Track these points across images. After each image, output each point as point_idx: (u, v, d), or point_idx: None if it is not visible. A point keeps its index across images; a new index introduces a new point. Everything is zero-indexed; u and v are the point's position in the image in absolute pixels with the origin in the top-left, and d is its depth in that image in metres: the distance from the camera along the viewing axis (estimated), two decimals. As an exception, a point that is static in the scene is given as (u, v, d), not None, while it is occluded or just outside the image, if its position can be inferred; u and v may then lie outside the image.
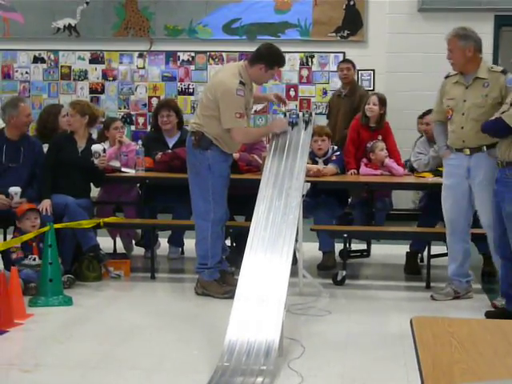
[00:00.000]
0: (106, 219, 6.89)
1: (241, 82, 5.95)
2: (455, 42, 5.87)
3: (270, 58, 6.09)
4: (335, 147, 7.50)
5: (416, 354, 1.99)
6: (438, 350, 2.01)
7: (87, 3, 10.90)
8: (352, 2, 10.51)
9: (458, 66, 5.95)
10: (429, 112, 7.26)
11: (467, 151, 5.82)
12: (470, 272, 6.25)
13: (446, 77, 6.12)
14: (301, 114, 6.16)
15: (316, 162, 7.31)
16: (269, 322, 4.55)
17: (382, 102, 7.48)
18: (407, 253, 7.25)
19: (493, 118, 5.44)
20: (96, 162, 6.76)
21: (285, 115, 6.16)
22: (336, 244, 7.26)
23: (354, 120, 7.68)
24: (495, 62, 9.67)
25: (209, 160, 6.05)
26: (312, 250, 7.38)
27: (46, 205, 6.54)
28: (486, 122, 5.53)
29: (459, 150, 5.89)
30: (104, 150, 6.88)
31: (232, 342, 4.42)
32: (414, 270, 7.17)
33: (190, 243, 7.05)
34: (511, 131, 5.20)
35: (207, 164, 6.06)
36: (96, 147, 6.80)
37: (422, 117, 7.50)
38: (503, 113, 5.29)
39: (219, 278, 6.29)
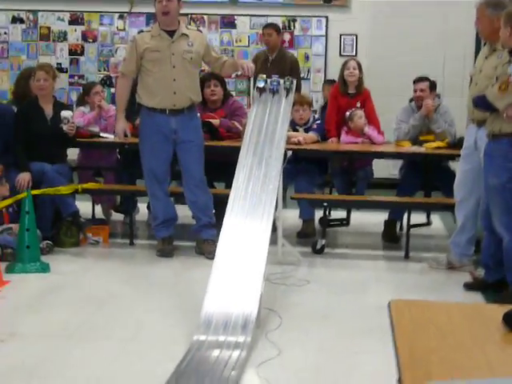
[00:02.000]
0: (85, 185, 6.82)
1: (139, 31, 6.44)
2: (483, 9, 5.68)
3: None
4: (316, 116, 7.46)
5: (393, 340, 1.97)
6: (415, 336, 1.99)
7: (67, -38, 10.72)
8: (336, -34, 10.40)
9: (484, 34, 5.82)
10: (422, 78, 7.21)
11: (475, 123, 5.74)
12: (472, 248, 6.13)
13: None
14: (282, 81, 6.09)
15: (297, 131, 7.26)
16: (247, 294, 4.53)
17: (360, 67, 7.43)
18: (385, 221, 7.25)
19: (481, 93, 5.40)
20: (65, 128, 6.66)
21: (266, 82, 6.09)
22: (316, 212, 7.24)
23: (333, 87, 7.63)
24: None
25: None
26: (292, 217, 7.37)
27: (24, 178, 6.44)
28: (476, 96, 5.48)
29: (472, 120, 5.82)
30: (73, 116, 6.80)
31: (209, 313, 4.40)
32: (392, 238, 7.17)
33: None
34: (493, 108, 5.16)
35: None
36: (64, 113, 6.70)
37: (414, 82, 7.35)
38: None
39: (167, 236, 6.49)
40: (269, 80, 6.08)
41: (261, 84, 6.06)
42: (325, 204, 6.77)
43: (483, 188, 5.50)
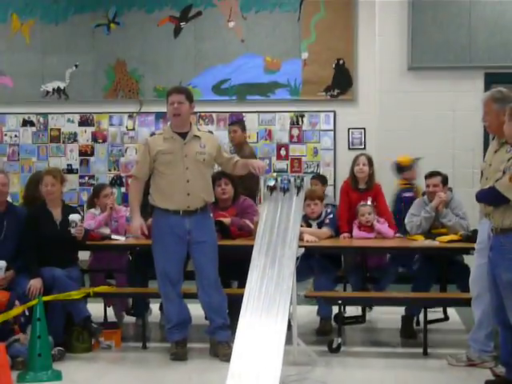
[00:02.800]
0: (96, 288, 6.77)
1: (151, 134, 6.51)
2: (490, 104, 5.76)
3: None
4: (328, 210, 7.44)
5: None
6: None
7: (76, 66, 10.92)
8: (341, 61, 10.55)
9: (492, 128, 5.84)
10: (434, 173, 7.22)
11: (488, 217, 5.70)
12: (492, 344, 6.01)
13: None
14: (292, 179, 6.09)
15: (310, 225, 7.23)
16: (264, 401, 4.42)
17: (370, 162, 7.44)
18: (403, 317, 7.14)
19: (486, 187, 5.38)
20: (73, 231, 6.64)
21: (276, 181, 6.09)
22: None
23: (344, 183, 7.63)
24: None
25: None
26: (306, 314, 7.27)
27: (35, 286, 6.38)
28: (480, 191, 5.47)
29: (485, 215, 5.78)
30: (81, 220, 6.80)
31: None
32: (410, 334, 7.05)
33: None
34: (504, 200, 5.13)
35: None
36: (73, 217, 6.68)
37: (426, 177, 7.35)
38: (496, 181, 5.22)
39: (181, 339, 6.39)
40: (279, 178, 6.08)
41: (271, 183, 6.05)
42: (339, 301, 6.67)
43: (491, 283, 5.42)
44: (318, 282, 7.15)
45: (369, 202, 7.23)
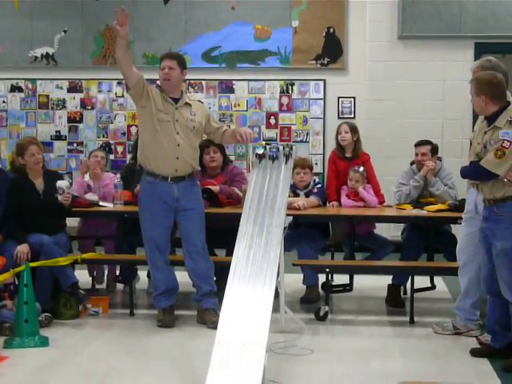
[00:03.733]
0: (84, 255, 6.76)
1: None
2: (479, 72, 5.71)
3: None
4: (316, 179, 7.45)
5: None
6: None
7: (65, 32, 10.81)
8: (332, 30, 10.48)
9: None
10: (423, 142, 7.22)
11: (475, 187, 5.71)
12: (477, 312, 6.06)
13: None
14: (281, 147, 6.06)
15: (297, 195, 7.24)
16: (250, 368, 4.41)
17: (354, 129, 7.43)
18: (389, 285, 7.18)
19: (468, 162, 5.41)
20: (60, 198, 6.61)
21: (265, 149, 6.06)
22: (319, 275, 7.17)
23: (332, 152, 7.63)
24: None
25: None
26: (293, 283, 7.28)
27: (22, 251, 6.37)
28: (464, 168, 5.49)
29: (472, 185, 5.79)
30: (69, 186, 6.75)
31: (212, 389, 4.29)
32: (397, 302, 7.09)
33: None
34: (492, 176, 5.15)
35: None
36: (60, 183, 6.63)
37: (416, 146, 7.34)
38: (479, 157, 5.24)
39: (168, 306, 6.39)
40: (268, 146, 6.05)
41: (260, 151, 6.03)
42: (327, 270, 6.69)
43: (483, 253, 5.45)
44: (301, 250, 7.15)
45: (361, 169, 7.23)
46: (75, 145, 10.95)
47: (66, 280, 6.45)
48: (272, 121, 10.70)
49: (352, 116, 10.31)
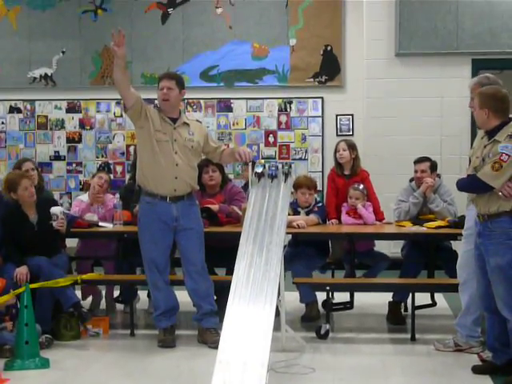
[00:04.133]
0: (84, 276, 6.75)
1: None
2: (476, 89, 5.68)
3: None
4: (317, 198, 7.47)
5: None
6: None
7: (63, 52, 10.85)
8: (329, 48, 10.52)
9: None
10: (422, 159, 7.22)
11: (475, 203, 5.72)
12: (479, 329, 6.03)
13: None
14: (280, 165, 6.07)
15: (298, 212, 7.24)
16: (251, 388, 4.42)
17: (352, 146, 7.46)
18: (390, 302, 7.16)
19: (465, 175, 5.43)
20: (54, 224, 6.58)
21: (264, 167, 6.07)
22: (319, 293, 7.14)
23: (331, 170, 7.65)
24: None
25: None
26: (295, 300, 7.26)
27: (22, 272, 6.36)
28: (460, 180, 5.51)
29: (471, 201, 5.79)
30: (63, 213, 6.71)
31: (213, 410, 4.28)
32: (398, 320, 7.07)
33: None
34: (488, 188, 5.16)
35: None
36: (54, 210, 6.61)
37: (415, 163, 7.36)
38: (476, 170, 5.25)
39: (169, 326, 6.38)
40: (267, 165, 6.06)
41: (259, 169, 6.03)
42: (327, 288, 6.68)
43: (478, 269, 5.45)
44: (295, 268, 7.08)
45: (361, 187, 7.24)
46: (74, 165, 10.96)
47: (68, 300, 6.43)
48: (271, 139, 10.71)
49: (350, 133, 10.33)
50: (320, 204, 7.37)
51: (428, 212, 7.15)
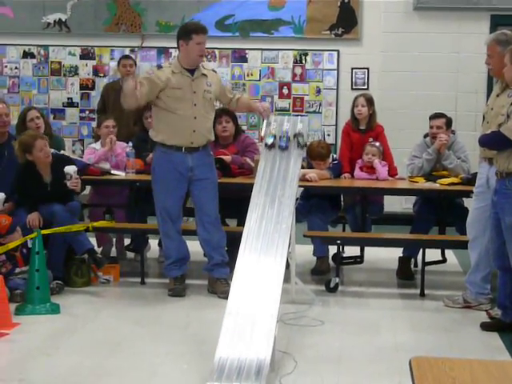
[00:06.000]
0: (96, 223, 6.77)
1: (158, 66, 6.37)
2: (494, 46, 5.68)
3: (183, 31, 6.23)
4: (335, 156, 7.45)
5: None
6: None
7: (78, -2, 10.76)
8: (346, 0, 10.38)
9: (495, 71, 5.79)
10: (438, 115, 7.15)
11: (487, 161, 5.69)
12: (488, 286, 6.04)
13: None
14: (292, 135, 5.94)
15: (311, 165, 7.20)
16: (260, 339, 4.44)
17: (370, 102, 7.38)
18: (400, 258, 7.16)
19: (489, 131, 5.36)
20: (68, 184, 6.54)
21: (275, 138, 5.94)
22: (330, 247, 7.16)
23: (345, 124, 7.58)
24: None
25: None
26: (304, 253, 7.27)
27: (34, 218, 6.37)
28: (483, 136, 5.44)
29: (483, 159, 5.77)
30: (76, 172, 6.62)
31: (222, 359, 4.30)
32: (407, 275, 7.08)
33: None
34: (509, 144, 5.10)
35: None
36: (68, 169, 6.54)
37: (430, 119, 7.27)
38: (500, 125, 5.19)
39: (179, 276, 6.43)
40: (278, 136, 5.95)
41: (269, 140, 5.90)
42: (338, 242, 6.68)
43: (493, 227, 5.43)
44: (311, 221, 7.13)
45: (377, 144, 7.19)
46: (87, 112, 10.91)
47: (81, 246, 6.46)
48: (285, 91, 10.63)
49: (365, 87, 10.23)
50: (336, 161, 7.33)
51: (441, 168, 7.10)
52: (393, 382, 4.42)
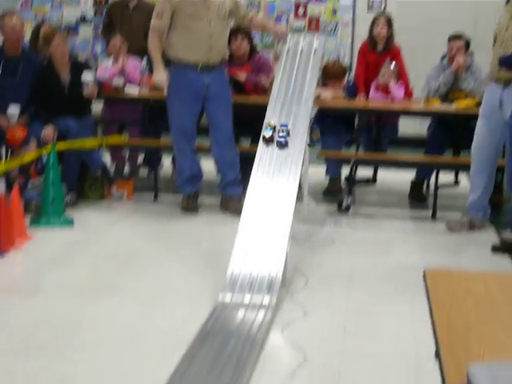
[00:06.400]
0: (109, 139, 6.77)
1: None
2: None
3: None
4: (350, 77, 7.41)
5: (430, 313, 1.91)
6: (453, 311, 1.93)
7: None
8: None
9: None
10: (456, 36, 7.05)
11: (501, 82, 5.63)
12: (488, 207, 6.08)
13: None
14: (290, 129, 5.44)
15: (325, 85, 7.14)
16: (273, 253, 4.49)
17: (390, 22, 7.27)
18: (412, 180, 7.16)
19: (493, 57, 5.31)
20: (85, 93, 6.52)
21: (273, 130, 5.35)
22: (342, 170, 7.16)
23: (362, 44, 7.49)
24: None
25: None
26: (317, 174, 7.28)
27: (49, 133, 6.34)
28: (503, 56, 5.37)
29: (496, 80, 5.71)
30: (94, 79, 6.61)
31: (234, 273, 4.36)
32: (419, 197, 7.09)
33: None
34: None
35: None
36: (85, 77, 6.51)
37: (449, 40, 7.16)
38: None
39: (193, 193, 6.46)
40: (277, 128, 5.39)
41: (267, 133, 5.33)
42: (352, 162, 6.67)
43: (509, 149, 5.41)
44: (325, 141, 7.11)
45: (393, 64, 7.11)
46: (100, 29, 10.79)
47: (94, 163, 6.50)
48: (300, 10, 10.50)
49: (382, 8, 10.09)
50: (351, 83, 7.28)
51: (458, 90, 7.03)
52: (403, 299, 4.45)
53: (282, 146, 5.25)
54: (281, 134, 5.30)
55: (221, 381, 3.30)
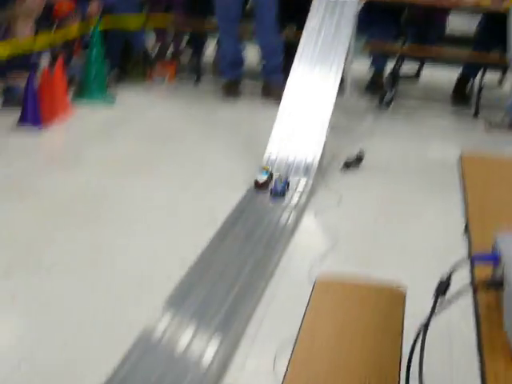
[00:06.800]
0: (154, 17, 6.71)
1: None
2: None
3: None
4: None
5: (463, 193, 1.91)
6: (486, 190, 1.93)
7: None
8: None
9: None
10: None
11: None
12: None
13: None
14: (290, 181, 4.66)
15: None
16: (311, 140, 4.50)
17: None
18: (458, 79, 7.03)
19: None
20: None
21: (269, 176, 4.28)
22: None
23: None
24: None
25: None
26: (361, 69, 7.19)
27: (94, 6, 6.29)
28: None
29: None
30: None
31: (272, 158, 4.39)
32: (463, 96, 6.98)
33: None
34: None
35: None
36: None
37: None
38: None
39: (234, 78, 6.43)
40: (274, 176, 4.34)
41: (261, 178, 4.24)
42: (397, 56, 6.57)
43: None
44: (372, 33, 6.96)
45: None
46: None
47: (138, 44, 6.49)
48: None
49: None
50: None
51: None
52: (437, 193, 4.46)
53: (277, 195, 4.13)
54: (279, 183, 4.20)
55: (251, 258, 3.37)
